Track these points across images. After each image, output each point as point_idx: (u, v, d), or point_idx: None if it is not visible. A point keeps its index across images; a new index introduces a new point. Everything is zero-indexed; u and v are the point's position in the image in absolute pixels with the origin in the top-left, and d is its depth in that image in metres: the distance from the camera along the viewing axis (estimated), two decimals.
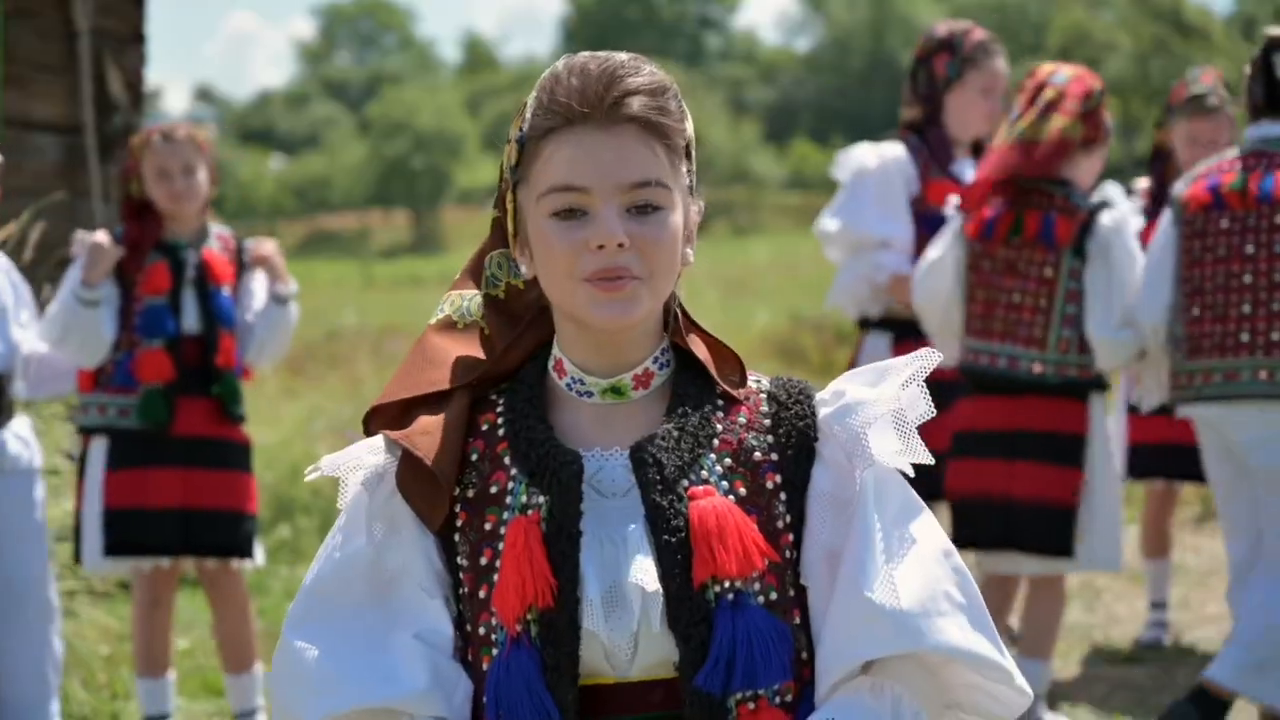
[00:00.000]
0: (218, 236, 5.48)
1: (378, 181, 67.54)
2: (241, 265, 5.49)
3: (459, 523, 2.11)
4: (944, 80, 5.80)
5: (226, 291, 5.38)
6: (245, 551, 5.42)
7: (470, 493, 2.11)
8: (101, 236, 5.30)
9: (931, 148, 5.85)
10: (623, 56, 2.06)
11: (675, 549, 2.03)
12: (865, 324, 5.97)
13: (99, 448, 5.34)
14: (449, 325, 2.23)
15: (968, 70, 5.80)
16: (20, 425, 5.15)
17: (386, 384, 2.20)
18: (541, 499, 2.05)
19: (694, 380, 2.13)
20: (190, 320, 5.32)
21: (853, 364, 5.80)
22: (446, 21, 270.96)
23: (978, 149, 5.93)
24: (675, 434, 2.08)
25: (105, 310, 5.22)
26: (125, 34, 8.54)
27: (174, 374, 5.25)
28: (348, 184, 68.85)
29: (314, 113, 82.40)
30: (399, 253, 56.28)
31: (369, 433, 2.18)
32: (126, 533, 5.29)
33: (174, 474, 5.30)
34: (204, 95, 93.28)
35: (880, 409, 2.08)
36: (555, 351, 2.16)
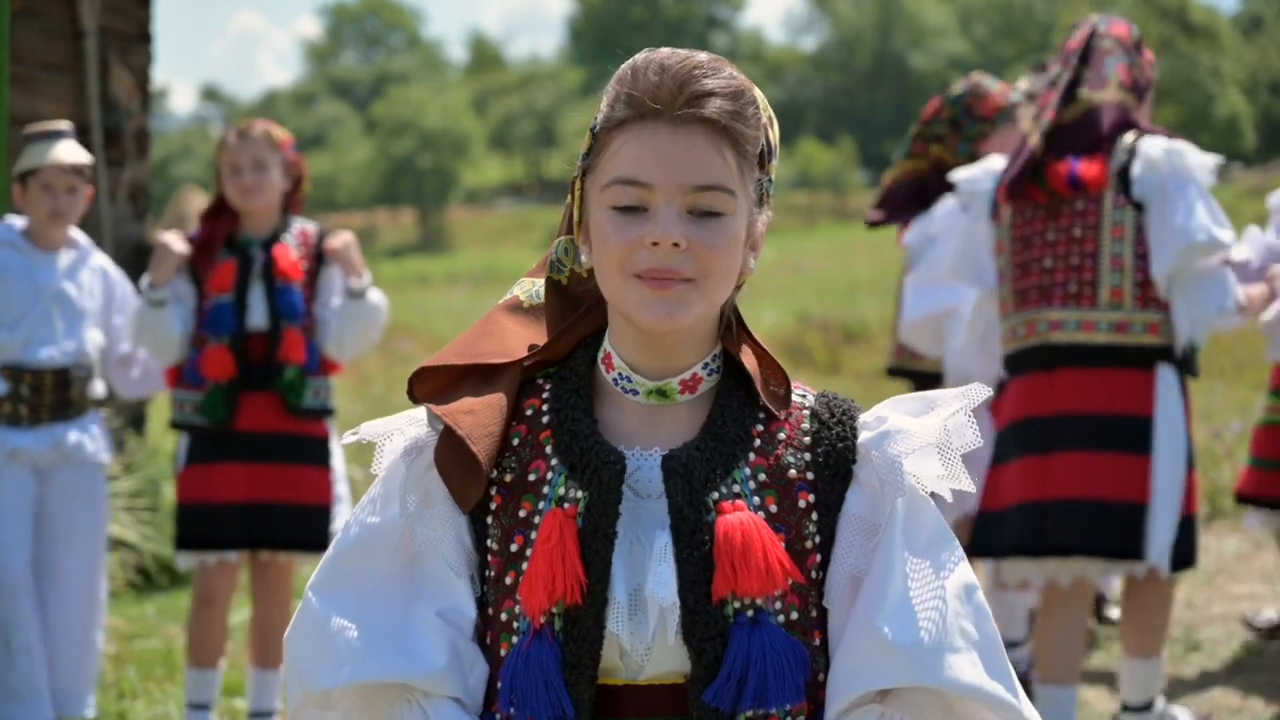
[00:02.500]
0: (299, 232, 5.53)
1: (384, 181, 67.66)
2: (320, 259, 5.53)
3: (493, 505, 2.09)
4: (1149, 82, 5.12)
5: (296, 287, 5.42)
6: (320, 544, 5.45)
7: (508, 477, 2.08)
8: (169, 236, 5.41)
9: None
10: (703, 56, 2.03)
11: (697, 562, 2.01)
12: None
13: (182, 444, 5.49)
14: (515, 305, 2.22)
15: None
16: (93, 421, 5.44)
17: (439, 352, 2.19)
18: (579, 494, 2.03)
19: (738, 390, 2.11)
20: (258, 317, 5.38)
21: None
22: (452, 21, 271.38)
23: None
24: (711, 444, 2.05)
25: (173, 309, 5.34)
26: (131, 33, 8.54)
27: (234, 371, 5.33)
28: (354, 183, 68.94)
29: (320, 112, 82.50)
30: (405, 252, 56.34)
31: (412, 394, 2.16)
32: (194, 527, 5.41)
33: (240, 469, 5.38)
34: (210, 95, 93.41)
35: (921, 440, 2.07)
36: (606, 344, 2.13)
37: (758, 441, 2.09)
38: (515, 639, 2.05)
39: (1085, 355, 4.90)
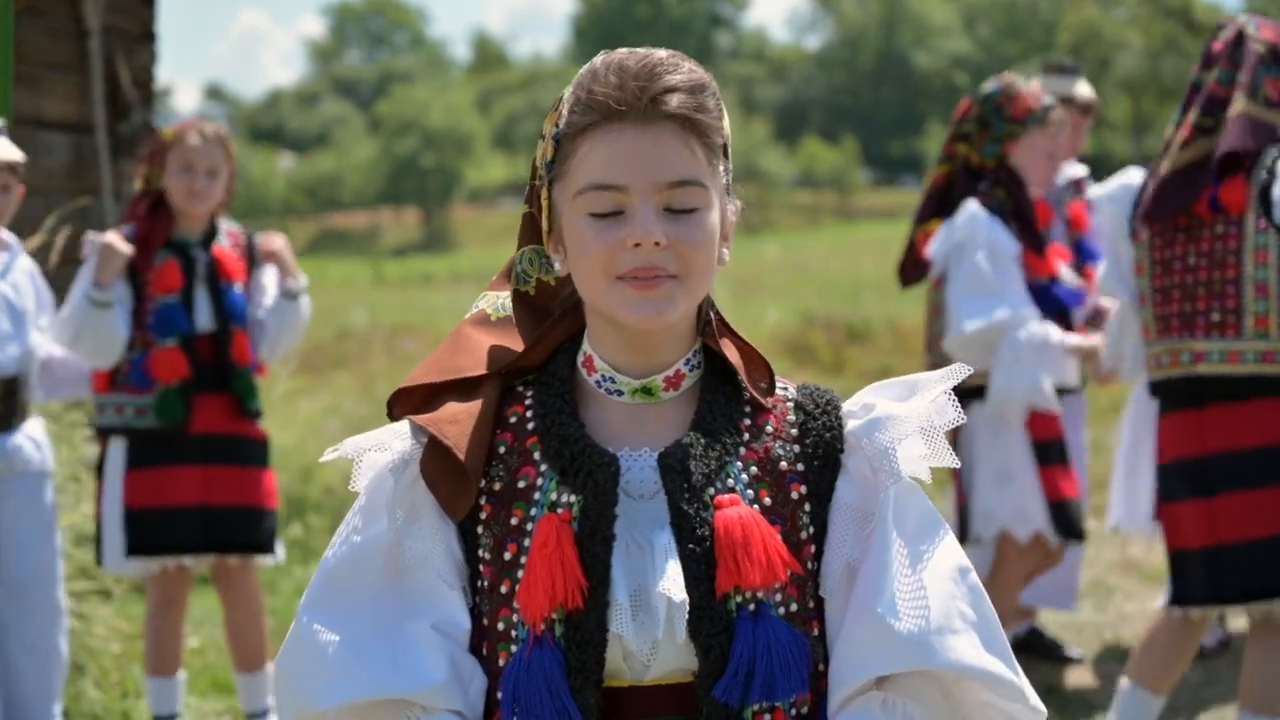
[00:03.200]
0: (228, 233, 5.47)
1: (388, 180, 67.65)
2: (252, 261, 5.49)
3: (483, 515, 2.07)
4: None
5: (239, 289, 5.38)
6: (266, 547, 5.43)
7: (496, 485, 2.07)
8: (112, 236, 5.27)
9: None
10: (662, 53, 2.03)
11: (700, 558, 2.00)
12: None
13: (118, 448, 5.33)
14: (483, 319, 2.21)
15: None
16: (34, 427, 5.17)
17: (414, 371, 2.18)
18: (572, 498, 2.02)
19: (723, 385, 2.11)
20: (204, 318, 5.32)
21: None
22: (456, 20, 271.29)
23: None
24: (703, 441, 2.05)
25: (118, 310, 5.21)
26: (136, 32, 8.54)
27: (190, 372, 5.25)
28: (358, 182, 68.95)
29: (324, 111, 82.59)
30: (409, 251, 56.34)
31: (392, 416, 2.15)
32: (148, 533, 5.30)
33: (193, 472, 5.30)
34: (214, 94, 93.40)
35: (910, 425, 2.07)
36: (586, 347, 2.12)
37: (746, 435, 2.09)
38: (514, 647, 2.03)
39: (1232, 387, 4.65)
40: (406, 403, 2.15)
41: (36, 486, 5.18)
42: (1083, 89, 6.53)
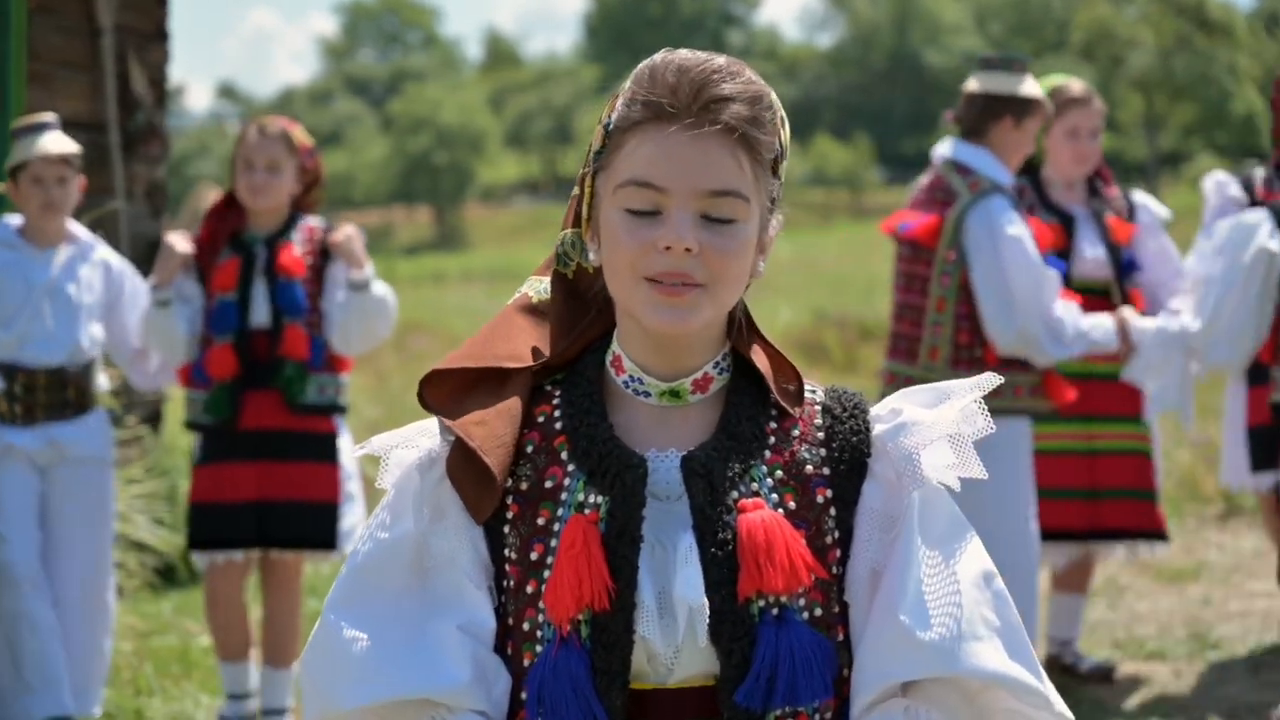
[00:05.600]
0: (305, 228, 5.53)
1: (400, 178, 67.65)
2: (326, 254, 5.53)
3: (509, 515, 2.06)
4: None
5: (298, 283, 5.42)
6: (325, 543, 5.47)
7: (524, 485, 2.06)
8: (173, 237, 5.43)
9: None
10: (721, 60, 2.01)
11: (722, 562, 2.00)
12: None
13: (196, 443, 5.54)
14: (527, 305, 2.19)
15: None
16: (96, 418, 5.42)
17: (453, 352, 2.16)
18: (599, 499, 2.02)
19: (750, 389, 2.10)
20: (260, 314, 5.40)
21: None
22: (469, 18, 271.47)
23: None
24: (727, 444, 2.05)
25: (178, 309, 5.36)
26: (148, 31, 8.55)
27: (237, 369, 5.35)
28: (370, 181, 68.95)
29: (337, 110, 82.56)
30: (421, 249, 56.35)
31: (422, 397, 2.13)
32: (206, 526, 5.44)
33: (249, 468, 5.42)
34: (227, 92, 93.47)
35: (936, 431, 2.06)
36: (614, 347, 2.12)
37: (772, 439, 2.08)
38: (539, 648, 2.03)
39: None
40: (440, 386, 2.13)
41: (89, 475, 5.42)
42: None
